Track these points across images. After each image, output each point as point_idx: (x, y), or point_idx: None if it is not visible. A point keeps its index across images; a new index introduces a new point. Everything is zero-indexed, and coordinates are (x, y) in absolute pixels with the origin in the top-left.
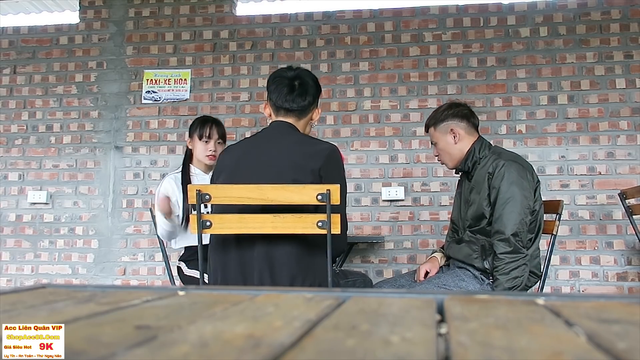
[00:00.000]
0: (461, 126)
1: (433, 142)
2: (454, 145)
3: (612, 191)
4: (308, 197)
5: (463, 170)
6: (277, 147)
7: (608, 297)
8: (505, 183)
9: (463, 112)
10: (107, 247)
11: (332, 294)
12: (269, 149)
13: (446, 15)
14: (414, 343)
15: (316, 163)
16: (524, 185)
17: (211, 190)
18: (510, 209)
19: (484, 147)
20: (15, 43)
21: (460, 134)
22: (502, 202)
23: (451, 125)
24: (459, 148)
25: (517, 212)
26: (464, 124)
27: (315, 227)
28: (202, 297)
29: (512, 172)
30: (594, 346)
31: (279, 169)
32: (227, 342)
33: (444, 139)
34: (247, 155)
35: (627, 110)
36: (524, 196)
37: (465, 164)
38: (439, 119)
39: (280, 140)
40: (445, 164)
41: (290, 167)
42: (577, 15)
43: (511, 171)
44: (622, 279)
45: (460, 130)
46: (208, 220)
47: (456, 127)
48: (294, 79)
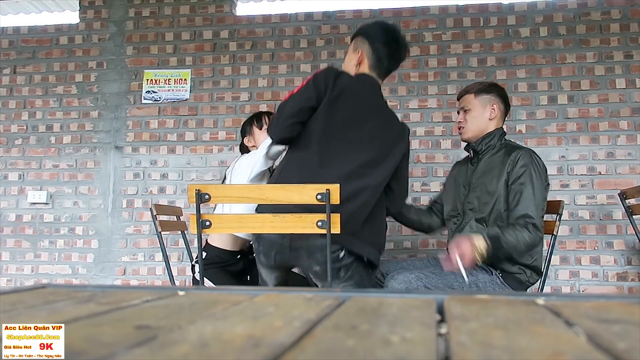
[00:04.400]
0: (501, 108)
1: (465, 109)
2: (487, 119)
3: (612, 191)
4: (308, 197)
5: (474, 148)
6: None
7: (608, 297)
8: (531, 172)
9: (506, 96)
10: (107, 247)
11: (332, 294)
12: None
13: (446, 15)
14: (414, 343)
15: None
16: (543, 178)
17: (211, 190)
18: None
19: (502, 138)
20: (15, 43)
21: (497, 113)
22: (528, 189)
23: (494, 101)
24: (488, 124)
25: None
26: (503, 107)
27: (315, 226)
28: (202, 297)
29: (537, 165)
30: (594, 346)
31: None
32: (227, 342)
33: (481, 109)
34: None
35: (627, 110)
36: (544, 188)
37: (481, 143)
38: (484, 89)
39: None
40: (463, 133)
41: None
42: (577, 15)
43: (536, 164)
44: (622, 279)
45: (498, 110)
46: (207, 220)
47: (497, 105)
48: (406, 51)
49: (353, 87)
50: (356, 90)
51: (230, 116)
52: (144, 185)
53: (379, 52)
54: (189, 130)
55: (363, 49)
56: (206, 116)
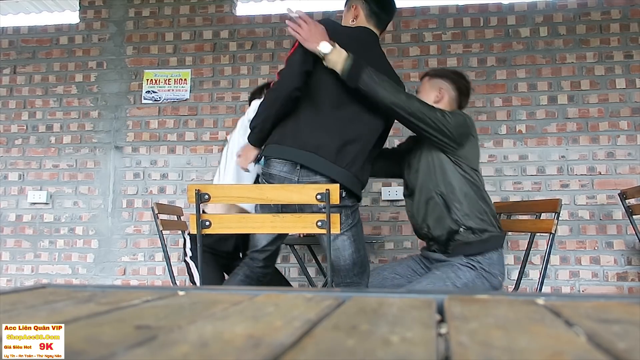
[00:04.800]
0: (450, 94)
1: (417, 90)
2: (432, 102)
3: (612, 191)
4: (307, 197)
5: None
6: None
7: (608, 297)
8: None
9: (462, 85)
10: (107, 247)
11: (332, 294)
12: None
13: (446, 15)
14: (414, 343)
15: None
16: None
17: (211, 190)
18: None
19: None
20: (15, 43)
21: (444, 98)
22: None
23: (444, 87)
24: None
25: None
26: (454, 94)
27: (314, 226)
28: (202, 297)
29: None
30: (594, 346)
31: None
32: (227, 342)
33: (428, 91)
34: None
35: (627, 110)
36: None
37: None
38: (438, 74)
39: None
40: None
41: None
42: (577, 15)
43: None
44: (622, 279)
45: (447, 96)
46: (207, 220)
47: (446, 91)
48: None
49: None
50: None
51: (230, 116)
52: (144, 185)
53: (372, 4)
54: (189, 130)
55: (357, 4)
56: (206, 116)
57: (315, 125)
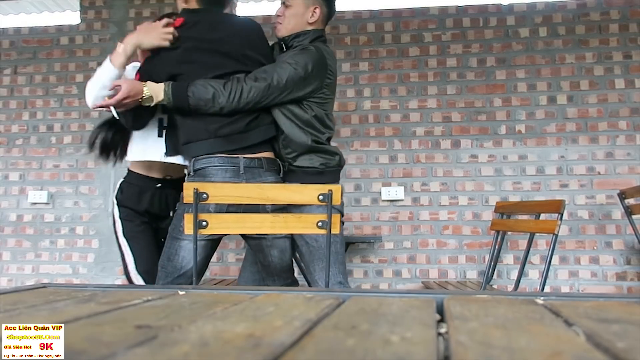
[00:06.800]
0: (323, 11)
1: (287, 4)
2: (307, 22)
3: (611, 191)
4: (309, 197)
5: (285, 42)
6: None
7: (607, 297)
8: (299, 55)
9: (332, 5)
10: (108, 247)
11: (332, 293)
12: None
13: (446, 16)
14: (414, 343)
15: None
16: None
17: (209, 189)
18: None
19: (316, 40)
20: (16, 43)
21: (318, 17)
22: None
23: (317, 4)
24: (305, 27)
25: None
26: (326, 10)
27: (315, 227)
28: (203, 296)
29: (313, 57)
30: (593, 345)
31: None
32: (227, 342)
33: (303, 8)
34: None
35: (626, 110)
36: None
37: (293, 39)
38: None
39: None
40: (279, 30)
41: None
42: (576, 15)
43: (314, 55)
44: (621, 279)
45: (320, 14)
46: (204, 220)
47: (320, 8)
48: None
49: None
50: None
51: None
52: None
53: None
54: None
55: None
56: None
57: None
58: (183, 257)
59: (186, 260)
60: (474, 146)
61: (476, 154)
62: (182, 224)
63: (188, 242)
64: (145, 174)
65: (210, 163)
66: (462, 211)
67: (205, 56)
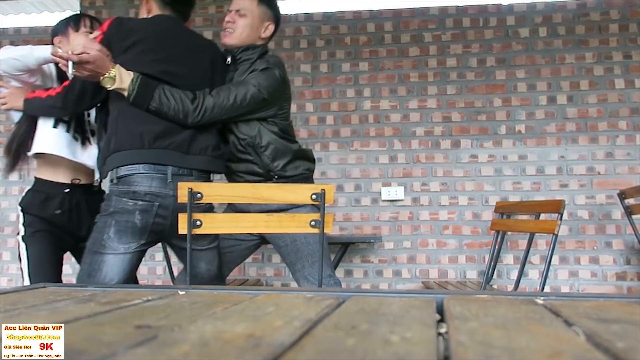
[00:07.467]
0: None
1: (241, 13)
2: (258, 36)
3: (611, 191)
4: (303, 197)
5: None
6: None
7: (607, 297)
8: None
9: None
10: None
11: (332, 293)
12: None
13: (446, 16)
14: (414, 343)
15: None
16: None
17: (203, 189)
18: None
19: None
20: (16, 43)
21: (269, 34)
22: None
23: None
24: (257, 40)
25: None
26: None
27: (308, 226)
28: (203, 296)
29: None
30: (593, 345)
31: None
32: (227, 342)
33: (258, 22)
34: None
35: (626, 110)
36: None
37: (242, 52)
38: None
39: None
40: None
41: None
42: (576, 15)
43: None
44: (621, 279)
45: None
46: (198, 220)
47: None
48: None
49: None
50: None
51: None
52: None
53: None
54: None
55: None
56: None
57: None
58: (106, 273)
59: (109, 276)
60: (474, 146)
61: (476, 154)
62: (104, 237)
63: (112, 257)
64: (50, 179)
65: (135, 170)
66: (462, 211)
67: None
